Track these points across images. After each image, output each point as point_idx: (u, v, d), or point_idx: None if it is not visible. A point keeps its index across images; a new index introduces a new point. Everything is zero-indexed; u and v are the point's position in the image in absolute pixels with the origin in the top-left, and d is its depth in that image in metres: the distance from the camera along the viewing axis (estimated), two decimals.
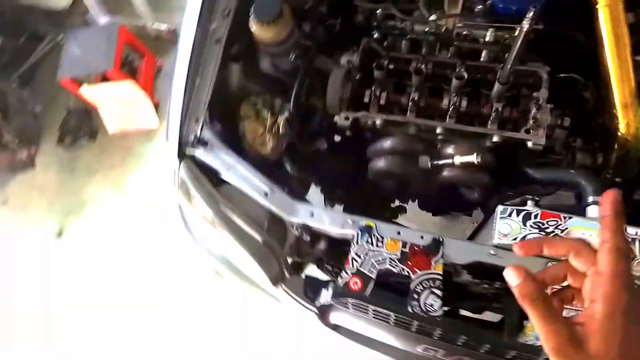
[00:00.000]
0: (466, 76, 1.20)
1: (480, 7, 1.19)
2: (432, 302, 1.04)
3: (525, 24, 0.95)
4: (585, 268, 0.49)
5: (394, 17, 1.36)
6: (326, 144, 1.35)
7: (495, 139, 1.20)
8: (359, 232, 1.15)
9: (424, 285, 1.07)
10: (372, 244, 1.14)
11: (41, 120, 3.31)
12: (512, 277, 0.49)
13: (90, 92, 2.79)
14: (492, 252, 1.05)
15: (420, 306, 1.02)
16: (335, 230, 1.17)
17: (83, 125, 3.08)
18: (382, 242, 1.13)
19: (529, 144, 1.17)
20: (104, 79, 2.64)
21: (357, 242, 1.14)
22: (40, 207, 3.17)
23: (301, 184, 1.43)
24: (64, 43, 2.86)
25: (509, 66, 1.09)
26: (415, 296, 1.03)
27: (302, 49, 1.38)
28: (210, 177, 1.30)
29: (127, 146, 3.16)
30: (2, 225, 3.21)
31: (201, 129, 1.31)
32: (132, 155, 3.13)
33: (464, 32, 1.27)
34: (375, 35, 1.40)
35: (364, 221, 1.16)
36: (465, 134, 1.23)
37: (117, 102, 2.90)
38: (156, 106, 3.14)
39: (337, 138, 1.44)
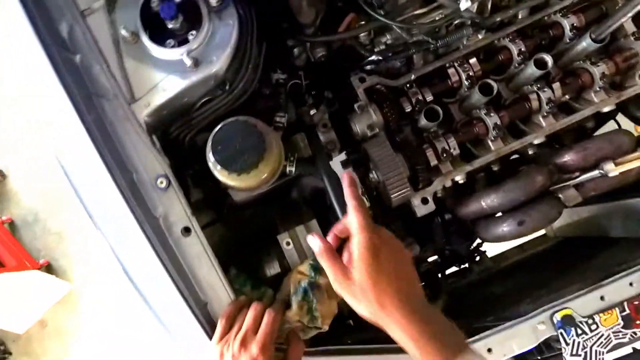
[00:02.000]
0: (550, 61, 0.83)
1: None
2: None
3: None
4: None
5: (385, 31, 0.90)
6: (417, 246, 0.94)
7: (608, 108, 0.89)
8: (562, 331, 0.84)
9: None
10: (584, 332, 0.84)
11: None
12: (314, 243, 0.73)
13: None
14: None
15: None
16: (532, 344, 0.85)
17: None
18: (595, 323, 0.84)
19: None
20: None
21: (566, 342, 0.84)
22: None
23: None
24: None
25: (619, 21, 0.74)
26: None
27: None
28: None
29: (54, 330, 2.37)
30: None
31: None
32: (66, 334, 2.37)
33: None
34: (369, 67, 0.94)
35: (557, 315, 0.84)
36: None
37: (3, 300, 2.07)
38: (49, 268, 2.33)
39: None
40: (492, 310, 0.98)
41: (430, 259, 1.15)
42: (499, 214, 0.92)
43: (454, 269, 1.37)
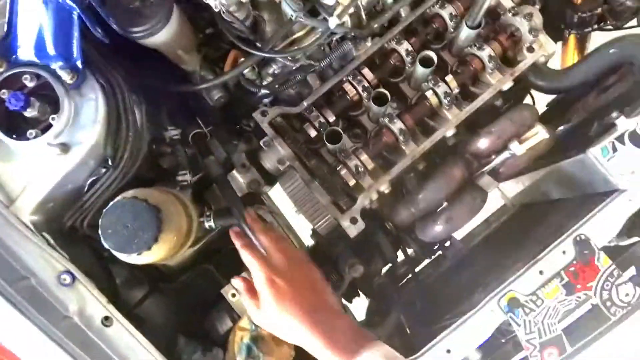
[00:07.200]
0: (434, 57, 0.82)
1: None
2: (627, 292, 0.85)
3: None
4: None
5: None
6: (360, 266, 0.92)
7: (507, 86, 0.89)
8: (511, 314, 0.84)
9: (607, 287, 0.86)
10: (532, 310, 0.85)
11: None
12: (237, 284, 0.83)
13: None
14: None
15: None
16: (486, 335, 0.85)
17: None
18: (540, 298, 0.85)
19: (542, 59, 0.89)
20: None
21: (517, 324, 0.85)
22: None
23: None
24: None
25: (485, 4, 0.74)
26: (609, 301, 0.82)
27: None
28: None
29: None
30: None
31: None
32: None
33: None
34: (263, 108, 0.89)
35: (503, 300, 0.85)
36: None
37: None
38: None
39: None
40: (452, 306, 0.98)
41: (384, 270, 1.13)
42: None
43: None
